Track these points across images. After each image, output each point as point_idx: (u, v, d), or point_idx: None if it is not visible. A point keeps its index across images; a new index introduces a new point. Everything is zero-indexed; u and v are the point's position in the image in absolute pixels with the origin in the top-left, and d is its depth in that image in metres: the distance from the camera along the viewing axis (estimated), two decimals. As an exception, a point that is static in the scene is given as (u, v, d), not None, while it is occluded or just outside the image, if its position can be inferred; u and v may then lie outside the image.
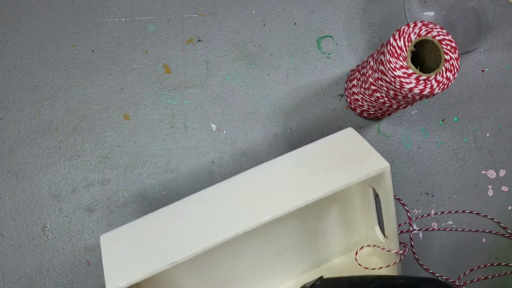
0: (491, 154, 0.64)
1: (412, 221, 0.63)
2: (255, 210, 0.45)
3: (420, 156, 0.63)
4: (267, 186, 0.48)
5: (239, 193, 0.49)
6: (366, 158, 0.46)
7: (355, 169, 0.45)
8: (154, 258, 0.44)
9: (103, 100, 0.59)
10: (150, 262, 0.44)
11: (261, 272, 0.58)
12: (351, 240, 0.59)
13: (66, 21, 0.59)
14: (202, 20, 0.61)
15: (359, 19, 0.63)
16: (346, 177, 0.45)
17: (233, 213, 0.46)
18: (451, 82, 0.46)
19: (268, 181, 0.48)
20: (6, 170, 0.58)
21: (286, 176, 0.48)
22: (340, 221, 0.58)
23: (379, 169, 0.45)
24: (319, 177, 0.46)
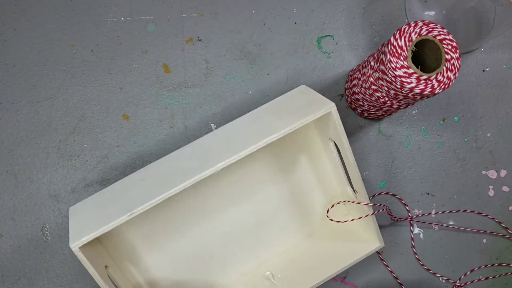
0: (492, 154, 0.64)
1: (412, 219, 0.63)
2: (209, 161, 0.48)
3: (421, 156, 0.63)
4: (224, 142, 0.51)
5: (197, 151, 0.52)
6: (314, 104, 0.50)
7: (304, 114, 0.48)
8: (114, 214, 0.47)
9: (103, 100, 0.59)
10: (111, 218, 0.46)
11: (243, 243, 0.60)
12: (330, 202, 0.62)
13: (65, 20, 0.59)
14: (202, 20, 0.61)
15: (360, 19, 0.62)
16: (295, 120, 0.48)
17: (189, 167, 0.49)
18: (452, 82, 0.46)
19: (225, 138, 0.52)
20: (5, 170, 0.58)
21: (242, 131, 0.52)
22: (316, 183, 0.60)
23: (324, 109, 0.48)
24: (272, 125, 0.49)
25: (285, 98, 0.55)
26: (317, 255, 0.59)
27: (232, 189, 0.58)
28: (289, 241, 0.61)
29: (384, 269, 0.62)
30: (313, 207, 0.61)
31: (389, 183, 0.62)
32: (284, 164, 0.59)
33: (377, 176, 0.62)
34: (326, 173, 0.60)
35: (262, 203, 0.59)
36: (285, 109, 0.52)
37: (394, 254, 0.62)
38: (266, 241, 0.60)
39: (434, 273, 0.62)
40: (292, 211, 0.60)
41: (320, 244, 0.60)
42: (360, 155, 0.62)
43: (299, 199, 0.60)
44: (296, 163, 0.59)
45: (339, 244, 0.59)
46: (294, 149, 0.59)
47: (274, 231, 0.60)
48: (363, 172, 0.62)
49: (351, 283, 0.62)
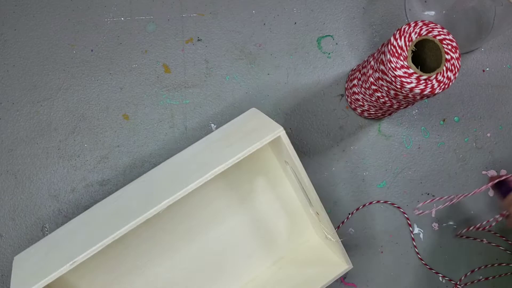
0: (492, 154, 0.64)
1: (409, 220, 0.63)
2: (153, 200, 0.46)
3: (421, 156, 0.63)
4: (170, 177, 0.50)
5: (143, 189, 0.50)
6: (263, 130, 0.48)
7: (252, 141, 0.47)
8: (57, 264, 0.44)
9: (103, 100, 0.59)
10: (52, 268, 0.43)
11: (208, 276, 0.58)
12: (296, 228, 0.60)
13: (65, 20, 0.59)
14: (201, 20, 0.61)
15: (360, 19, 0.62)
16: (243, 148, 0.46)
17: (133, 208, 0.47)
18: (452, 82, 0.46)
19: (172, 172, 0.50)
20: (5, 170, 0.58)
21: (190, 163, 0.50)
22: (279, 206, 0.59)
23: (273, 134, 0.46)
24: (221, 154, 0.47)
25: (235, 123, 0.54)
26: (286, 281, 0.57)
27: (190, 222, 0.57)
28: (257, 269, 0.59)
29: (384, 269, 0.62)
30: (278, 231, 0.60)
31: (389, 183, 0.62)
32: (242, 190, 0.58)
33: (377, 176, 0.62)
34: (288, 196, 0.59)
35: (225, 232, 0.58)
36: (234, 136, 0.50)
37: (394, 254, 0.62)
38: (232, 271, 0.59)
39: (436, 272, 0.62)
40: (257, 237, 0.59)
41: (289, 269, 0.58)
42: (360, 155, 0.62)
43: (263, 225, 0.59)
44: (256, 187, 0.58)
45: (308, 268, 0.57)
46: (252, 174, 0.58)
47: (240, 260, 0.59)
48: (363, 172, 0.62)
49: (351, 283, 0.62)
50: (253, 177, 0.58)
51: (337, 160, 0.62)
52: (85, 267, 0.54)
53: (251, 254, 0.59)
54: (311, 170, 0.61)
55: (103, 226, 0.46)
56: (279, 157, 0.55)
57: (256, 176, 0.58)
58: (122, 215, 0.46)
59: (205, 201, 0.57)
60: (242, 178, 0.58)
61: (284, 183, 0.59)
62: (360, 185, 0.62)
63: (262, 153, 0.57)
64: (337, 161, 0.62)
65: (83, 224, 0.50)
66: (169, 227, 0.56)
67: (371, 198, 0.62)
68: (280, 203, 0.59)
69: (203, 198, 0.57)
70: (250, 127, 0.50)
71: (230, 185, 0.57)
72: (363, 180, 0.62)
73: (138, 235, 0.55)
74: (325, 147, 0.62)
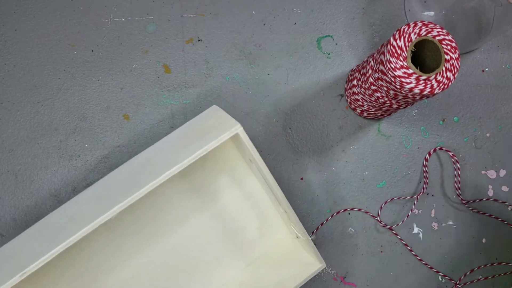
0: (491, 154, 0.64)
1: (380, 221, 0.63)
2: (106, 205, 0.44)
3: (421, 156, 0.63)
4: (126, 179, 0.48)
5: (97, 193, 0.49)
6: (222, 127, 0.46)
7: (210, 139, 0.45)
8: (7, 275, 0.42)
9: (103, 100, 0.59)
10: (3, 280, 0.42)
11: (176, 282, 0.57)
12: (268, 227, 0.59)
13: (65, 21, 0.59)
14: (202, 20, 0.61)
15: (359, 19, 0.62)
16: (200, 147, 0.44)
17: (85, 213, 0.45)
18: (451, 82, 0.46)
19: (129, 174, 0.49)
20: (5, 170, 0.58)
21: (147, 164, 0.49)
22: (248, 205, 0.58)
23: (230, 131, 0.44)
24: (176, 155, 0.46)
25: (193, 122, 0.53)
26: (260, 283, 0.56)
27: (154, 225, 0.55)
28: (229, 272, 0.58)
29: (384, 268, 0.63)
30: (249, 232, 0.59)
31: (388, 183, 0.63)
32: (207, 191, 0.57)
33: (377, 176, 0.62)
34: (257, 195, 0.58)
35: (192, 235, 0.57)
36: (191, 135, 0.49)
37: (394, 254, 0.62)
38: (202, 276, 0.57)
39: (437, 271, 0.63)
40: (227, 239, 0.58)
41: (262, 271, 0.57)
42: (359, 155, 0.62)
43: (233, 226, 0.58)
44: (222, 187, 0.57)
45: (281, 268, 0.56)
46: (217, 173, 0.56)
47: (210, 263, 0.57)
48: (363, 172, 0.62)
49: (351, 283, 0.62)
50: (218, 177, 0.57)
51: (337, 160, 0.62)
52: (45, 277, 0.52)
53: (221, 256, 0.58)
54: (311, 170, 0.62)
55: (57, 233, 0.45)
56: (244, 155, 0.54)
57: (221, 175, 0.57)
58: (76, 221, 0.45)
59: (169, 204, 0.56)
60: (206, 178, 0.56)
61: (252, 182, 0.58)
62: (360, 185, 0.62)
63: (226, 152, 0.56)
64: (337, 161, 0.62)
65: (37, 232, 0.49)
66: (132, 231, 0.55)
67: (371, 198, 0.62)
68: (250, 203, 0.58)
69: (166, 200, 0.56)
70: (208, 125, 0.49)
71: (194, 186, 0.56)
72: (363, 180, 0.62)
73: (99, 240, 0.54)
74: (325, 147, 0.62)
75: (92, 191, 0.51)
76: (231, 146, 0.56)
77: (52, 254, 0.41)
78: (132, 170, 0.50)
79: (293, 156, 0.61)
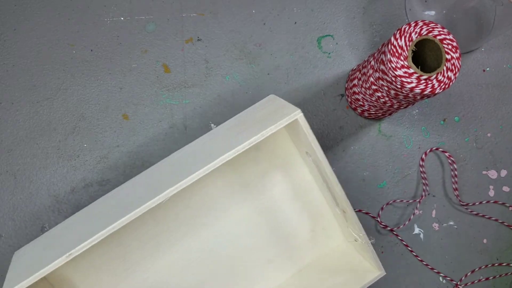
0: (493, 154, 0.64)
1: (393, 231, 0.62)
2: (157, 189, 0.42)
3: (421, 156, 0.63)
4: (177, 167, 0.46)
5: (147, 181, 0.48)
6: (279, 113, 0.43)
7: (266, 124, 0.42)
8: (53, 256, 0.42)
9: (102, 100, 0.59)
10: (49, 261, 0.41)
11: (218, 282, 0.54)
12: (321, 229, 0.55)
13: (64, 20, 0.59)
14: (201, 20, 0.60)
15: (360, 18, 0.62)
16: (256, 133, 0.42)
17: (136, 197, 0.44)
18: (452, 82, 0.46)
19: (178, 163, 0.47)
20: (4, 171, 0.58)
21: (197, 152, 0.47)
22: (299, 204, 0.54)
23: (289, 117, 0.41)
24: (230, 141, 0.43)
25: (250, 110, 0.50)
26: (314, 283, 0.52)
27: (197, 218, 0.53)
28: (275, 277, 0.55)
29: (385, 269, 0.62)
30: (299, 234, 0.55)
31: (389, 183, 0.62)
32: (257, 185, 0.53)
33: (377, 176, 0.62)
34: (311, 192, 0.55)
35: (238, 233, 0.53)
36: (247, 122, 0.47)
37: (394, 255, 0.62)
38: (245, 279, 0.54)
39: (438, 272, 0.62)
40: (275, 241, 0.54)
41: (313, 277, 0.53)
42: (360, 155, 0.62)
43: (282, 225, 0.54)
44: (273, 182, 0.54)
45: (335, 276, 0.51)
46: (268, 166, 0.53)
47: (256, 266, 0.54)
48: (363, 172, 0.62)
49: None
50: (270, 172, 0.53)
51: (337, 160, 0.62)
52: (85, 262, 0.52)
53: (269, 260, 0.54)
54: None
55: (102, 219, 0.44)
56: (300, 147, 0.51)
57: (274, 170, 0.53)
58: (121, 207, 0.44)
59: (217, 197, 0.53)
60: (258, 172, 0.53)
61: (306, 178, 0.54)
62: (361, 185, 0.62)
63: (280, 143, 0.53)
64: (337, 161, 0.62)
65: (81, 219, 0.48)
66: (175, 225, 0.53)
67: (371, 198, 0.62)
68: (302, 202, 0.55)
69: (214, 192, 0.53)
70: (265, 112, 0.46)
71: (244, 180, 0.53)
72: (364, 180, 0.62)
73: (140, 230, 0.52)
74: (325, 147, 0.62)
75: (139, 180, 0.50)
76: (285, 137, 0.53)
77: (98, 237, 0.40)
78: (180, 159, 0.48)
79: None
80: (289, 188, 0.55)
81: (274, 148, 0.53)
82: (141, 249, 0.53)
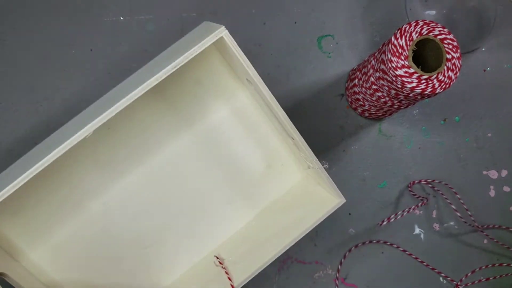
0: (493, 154, 0.63)
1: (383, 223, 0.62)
2: (85, 123, 0.40)
3: (422, 156, 0.63)
4: (108, 99, 0.45)
5: (83, 117, 0.46)
6: (206, 35, 0.40)
7: (192, 46, 0.39)
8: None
9: (102, 99, 0.59)
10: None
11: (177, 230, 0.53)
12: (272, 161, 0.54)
13: (64, 20, 0.59)
14: (201, 19, 0.60)
15: (360, 18, 0.62)
16: (182, 54, 0.39)
17: (67, 133, 0.42)
18: (452, 82, 0.46)
19: (108, 98, 0.46)
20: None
21: (127, 85, 0.45)
22: (250, 140, 0.53)
23: (213, 34, 0.38)
24: (157, 70, 0.41)
25: (181, 40, 0.48)
26: (273, 226, 0.51)
27: (142, 147, 0.51)
28: (236, 218, 0.54)
29: (385, 269, 0.62)
30: (254, 170, 0.53)
31: (389, 183, 0.62)
32: (202, 121, 0.52)
33: (378, 177, 0.62)
34: (258, 127, 0.52)
35: (190, 180, 0.52)
36: (176, 50, 0.44)
37: (395, 255, 0.62)
38: (205, 223, 0.53)
39: (438, 272, 0.62)
40: (228, 181, 0.53)
41: (274, 215, 0.52)
42: (360, 155, 0.62)
43: (234, 163, 0.53)
44: (217, 118, 0.51)
45: (295, 209, 0.51)
46: (210, 99, 0.51)
47: (214, 209, 0.53)
48: (364, 172, 0.62)
49: (352, 284, 0.62)
50: (215, 105, 0.51)
51: (337, 160, 0.62)
52: (25, 200, 0.50)
53: (227, 201, 0.53)
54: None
55: (37, 155, 0.42)
56: (241, 75, 0.48)
57: (218, 103, 0.51)
58: (54, 144, 0.41)
59: (158, 138, 0.51)
60: (200, 106, 0.51)
61: (254, 112, 0.52)
62: (361, 185, 0.62)
63: (223, 75, 0.50)
64: (337, 161, 0.62)
65: (20, 163, 0.47)
66: (118, 164, 0.51)
67: (372, 198, 0.62)
68: (254, 138, 0.53)
69: (154, 134, 0.51)
70: (193, 37, 0.43)
71: (185, 114, 0.51)
72: (364, 180, 0.62)
73: (85, 165, 0.50)
74: (325, 147, 0.62)
75: (71, 122, 0.48)
76: (221, 64, 0.50)
77: (30, 174, 0.38)
78: (112, 94, 0.47)
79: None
80: (238, 122, 0.53)
81: (211, 77, 0.51)
82: (83, 183, 0.51)
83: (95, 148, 0.51)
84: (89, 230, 0.52)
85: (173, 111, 0.52)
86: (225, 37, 0.39)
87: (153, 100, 0.52)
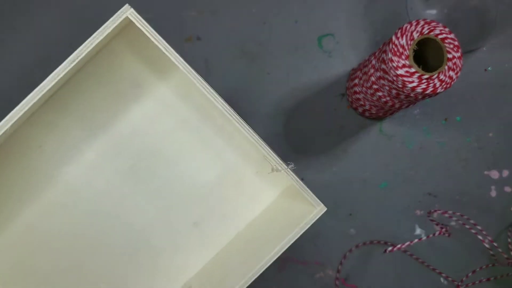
0: (494, 154, 0.63)
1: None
2: None
3: (423, 156, 0.63)
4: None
5: None
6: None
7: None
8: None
9: (101, 99, 0.59)
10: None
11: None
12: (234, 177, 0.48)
13: (64, 19, 0.59)
14: (201, 18, 0.60)
15: (361, 17, 0.62)
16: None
17: None
18: (454, 81, 0.46)
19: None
20: (3, 170, 0.57)
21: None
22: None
23: (116, 15, 0.32)
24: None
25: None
26: (250, 244, 0.46)
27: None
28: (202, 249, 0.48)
29: (385, 269, 0.62)
30: (205, 181, 0.47)
31: (390, 183, 0.62)
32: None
33: (378, 177, 0.62)
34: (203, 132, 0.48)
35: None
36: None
37: (395, 255, 0.62)
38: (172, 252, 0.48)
39: (440, 272, 0.62)
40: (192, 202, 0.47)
41: (249, 231, 0.47)
42: (361, 155, 0.62)
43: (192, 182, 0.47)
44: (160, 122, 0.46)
45: (273, 226, 0.46)
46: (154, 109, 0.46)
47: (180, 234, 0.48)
48: (364, 172, 0.62)
49: (352, 285, 0.62)
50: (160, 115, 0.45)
51: (338, 160, 0.61)
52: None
53: (197, 222, 0.47)
54: (312, 170, 0.61)
55: None
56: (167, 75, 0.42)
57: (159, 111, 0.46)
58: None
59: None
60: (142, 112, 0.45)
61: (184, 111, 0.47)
62: (361, 185, 0.62)
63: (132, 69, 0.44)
64: (338, 161, 0.61)
65: None
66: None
67: (372, 198, 0.62)
68: (201, 143, 0.47)
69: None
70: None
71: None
72: (364, 180, 0.62)
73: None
74: (325, 147, 0.61)
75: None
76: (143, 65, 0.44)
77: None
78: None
79: (293, 156, 0.61)
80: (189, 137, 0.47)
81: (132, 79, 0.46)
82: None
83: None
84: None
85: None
86: (131, 17, 0.33)
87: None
